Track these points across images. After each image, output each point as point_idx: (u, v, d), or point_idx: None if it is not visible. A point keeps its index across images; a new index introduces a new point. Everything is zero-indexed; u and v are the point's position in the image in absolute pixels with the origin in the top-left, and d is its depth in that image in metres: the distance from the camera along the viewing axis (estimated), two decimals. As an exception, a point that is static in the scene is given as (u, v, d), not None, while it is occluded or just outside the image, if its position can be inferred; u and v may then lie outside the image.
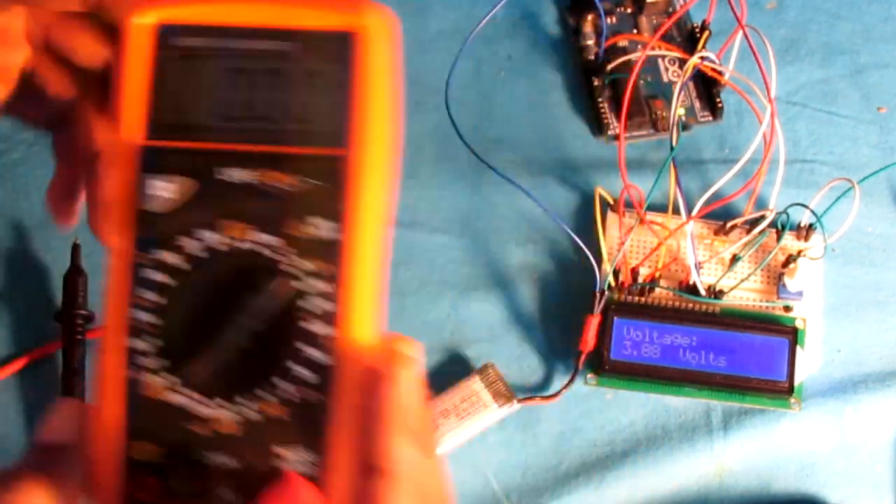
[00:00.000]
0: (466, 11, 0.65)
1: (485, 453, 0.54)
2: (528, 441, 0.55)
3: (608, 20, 0.64)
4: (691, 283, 0.56)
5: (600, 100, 0.61)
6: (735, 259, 0.56)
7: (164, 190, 0.31)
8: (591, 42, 0.63)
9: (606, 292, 0.56)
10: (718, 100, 0.61)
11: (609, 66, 0.61)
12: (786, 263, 0.57)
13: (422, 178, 0.60)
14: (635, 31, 0.64)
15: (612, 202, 0.58)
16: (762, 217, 0.55)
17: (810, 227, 0.57)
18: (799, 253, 0.56)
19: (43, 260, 0.57)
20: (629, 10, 0.64)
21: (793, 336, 0.55)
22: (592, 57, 0.62)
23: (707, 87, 0.62)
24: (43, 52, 0.34)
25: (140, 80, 0.31)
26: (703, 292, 0.56)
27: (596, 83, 0.62)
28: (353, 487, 0.29)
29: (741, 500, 0.54)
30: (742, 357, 0.54)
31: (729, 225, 0.57)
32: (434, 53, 0.63)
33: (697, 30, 0.63)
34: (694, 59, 0.55)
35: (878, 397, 0.56)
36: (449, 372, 0.55)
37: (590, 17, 0.63)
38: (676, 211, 0.55)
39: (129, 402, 0.30)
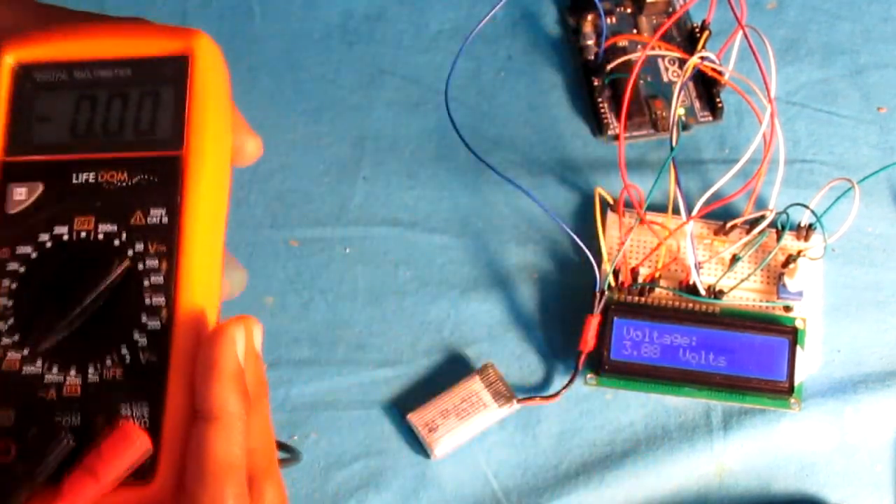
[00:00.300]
0: (466, 11, 0.65)
1: (485, 453, 0.55)
2: (528, 441, 0.55)
3: (608, 20, 0.64)
4: (691, 283, 0.56)
5: (600, 100, 0.61)
6: (735, 259, 0.56)
7: (23, 195, 0.37)
8: (591, 42, 0.63)
9: (606, 292, 0.56)
10: (718, 100, 0.61)
11: (609, 66, 0.61)
12: (786, 263, 0.57)
13: (422, 178, 0.60)
14: (635, 31, 0.64)
15: (612, 202, 0.58)
16: (762, 217, 0.55)
17: (810, 227, 0.57)
18: (799, 253, 0.56)
19: None
20: (629, 10, 0.64)
21: (793, 336, 0.55)
22: (592, 57, 0.63)
23: (707, 87, 0.62)
24: None
25: (1, 109, 0.37)
26: (703, 292, 0.56)
27: (596, 83, 0.62)
28: (185, 434, 0.33)
29: (741, 500, 0.54)
30: (742, 357, 0.54)
31: (729, 225, 0.57)
32: (434, 53, 0.63)
33: (697, 30, 0.63)
34: (694, 59, 0.55)
35: (878, 397, 0.56)
36: (449, 372, 0.56)
37: (590, 17, 0.63)
38: (676, 211, 0.55)
39: None
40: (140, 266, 0.36)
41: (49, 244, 0.36)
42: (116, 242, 0.36)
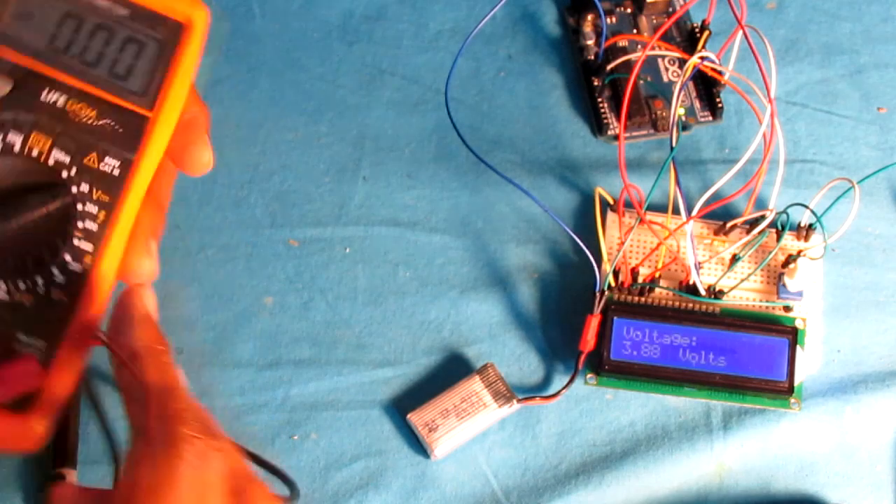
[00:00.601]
0: (466, 11, 0.65)
1: (485, 453, 0.54)
2: (528, 441, 0.55)
3: (608, 20, 0.64)
4: (691, 283, 0.56)
5: (600, 100, 0.61)
6: (735, 259, 0.56)
7: None
8: (591, 42, 0.63)
9: (606, 292, 0.56)
10: (718, 100, 0.61)
11: (609, 66, 0.61)
12: (786, 263, 0.57)
13: (422, 178, 0.60)
14: (635, 31, 0.64)
15: (612, 202, 0.58)
16: (762, 217, 0.55)
17: (810, 227, 0.57)
18: (799, 253, 0.56)
19: None
20: (629, 10, 0.64)
21: (793, 336, 0.55)
22: (592, 57, 0.63)
23: (707, 87, 0.62)
24: None
25: None
26: (703, 292, 0.56)
27: (596, 83, 0.62)
28: (67, 382, 0.36)
29: (741, 500, 0.54)
30: (742, 357, 0.54)
31: (729, 225, 0.57)
32: (434, 53, 0.63)
33: (697, 30, 0.63)
34: (694, 59, 0.55)
35: (878, 397, 0.56)
36: (449, 372, 0.56)
37: (590, 17, 0.63)
38: (676, 211, 0.55)
39: None
40: (80, 207, 0.36)
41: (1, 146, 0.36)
42: (64, 174, 0.36)
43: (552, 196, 0.60)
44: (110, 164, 0.36)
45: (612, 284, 0.56)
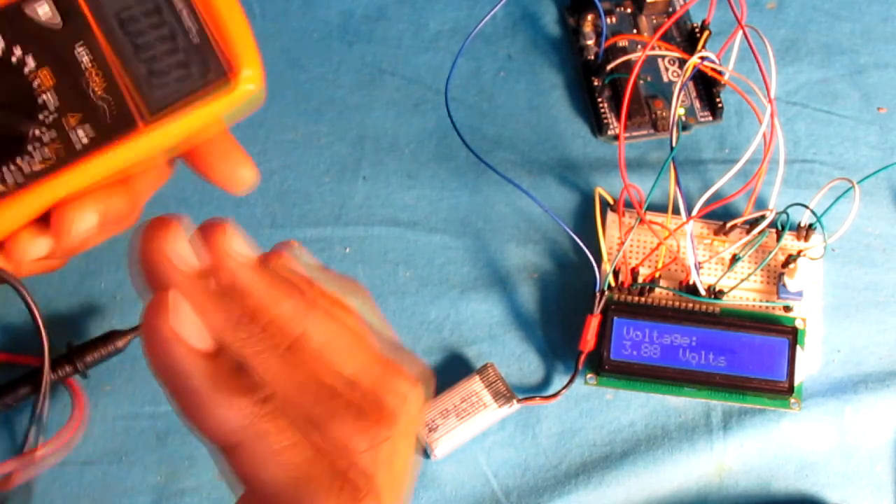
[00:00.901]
0: (466, 11, 0.65)
1: (485, 453, 0.55)
2: (528, 441, 0.55)
3: (608, 20, 0.64)
4: (691, 283, 0.56)
5: (600, 100, 0.61)
6: (735, 259, 0.56)
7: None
8: (591, 42, 0.63)
9: (606, 292, 0.56)
10: (718, 100, 0.61)
11: (609, 66, 0.61)
12: (786, 263, 0.57)
13: (422, 178, 0.60)
14: (635, 31, 0.64)
15: (612, 202, 0.58)
16: (762, 217, 0.55)
17: (810, 227, 0.57)
18: (799, 253, 0.56)
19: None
20: (629, 10, 0.64)
21: (793, 336, 0.55)
22: (592, 57, 0.63)
23: (707, 87, 0.62)
24: None
25: None
26: (703, 292, 0.56)
27: (596, 83, 0.62)
28: None
29: (741, 500, 0.54)
30: (742, 357, 0.54)
31: (729, 225, 0.57)
32: (434, 53, 0.63)
33: (697, 30, 0.63)
34: (694, 59, 0.55)
35: (878, 397, 0.56)
36: (449, 372, 0.56)
37: (590, 17, 0.63)
38: (676, 211, 0.55)
39: None
40: (31, 147, 0.37)
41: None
42: (41, 116, 0.37)
43: (552, 196, 0.60)
44: (78, 136, 0.37)
45: (612, 284, 0.56)
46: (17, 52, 0.37)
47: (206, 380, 0.33)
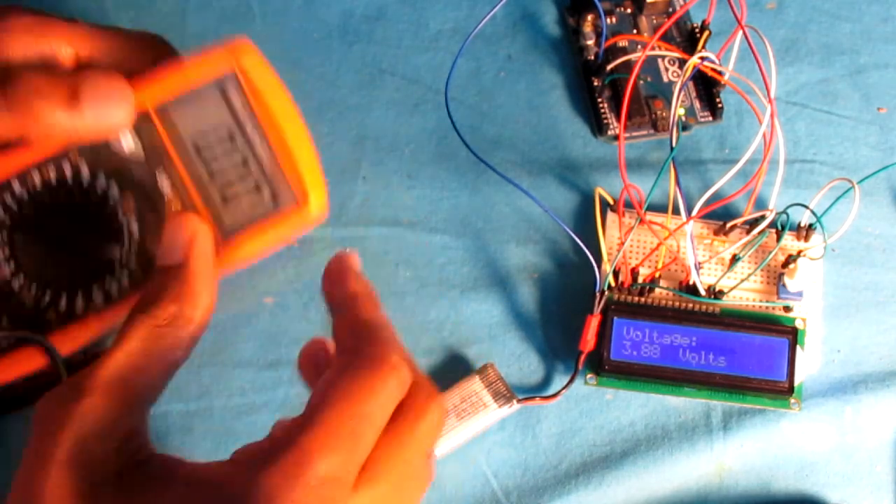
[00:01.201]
0: (466, 11, 0.65)
1: (485, 453, 0.54)
2: (528, 441, 0.55)
3: (608, 20, 0.64)
4: (691, 283, 0.56)
5: (600, 100, 0.61)
6: (735, 259, 0.56)
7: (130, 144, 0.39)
8: (591, 42, 0.63)
9: (606, 292, 0.56)
10: (718, 100, 0.61)
11: (609, 66, 0.61)
12: (786, 263, 0.57)
13: (422, 178, 0.60)
14: (635, 31, 0.64)
15: (612, 202, 0.58)
16: (762, 217, 0.55)
17: (810, 227, 0.57)
18: (799, 253, 0.56)
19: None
20: (629, 10, 0.64)
21: (793, 336, 0.55)
22: (592, 57, 0.63)
23: (707, 87, 0.62)
24: None
25: None
26: (703, 292, 0.56)
27: (596, 83, 0.62)
28: None
29: (741, 500, 0.54)
30: (742, 357, 0.54)
31: (729, 225, 0.57)
32: (434, 53, 0.63)
33: (697, 30, 0.63)
34: (694, 59, 0.55)
35: (878, 397, 0.56)
36: (449, 372, 0.56)
37: (590, 18, 0.63)
38: (676, 211, 0.55)
39: None
40: (109, 277, 0.39)
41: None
42: (124, 240, 0.39)
43: (552, 196, 0.60)
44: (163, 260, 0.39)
45: (612, 284, 0.56)
46: (103, 182, 0.39)
47: None
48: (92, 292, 0.39)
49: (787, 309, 0.57)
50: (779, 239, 0.56)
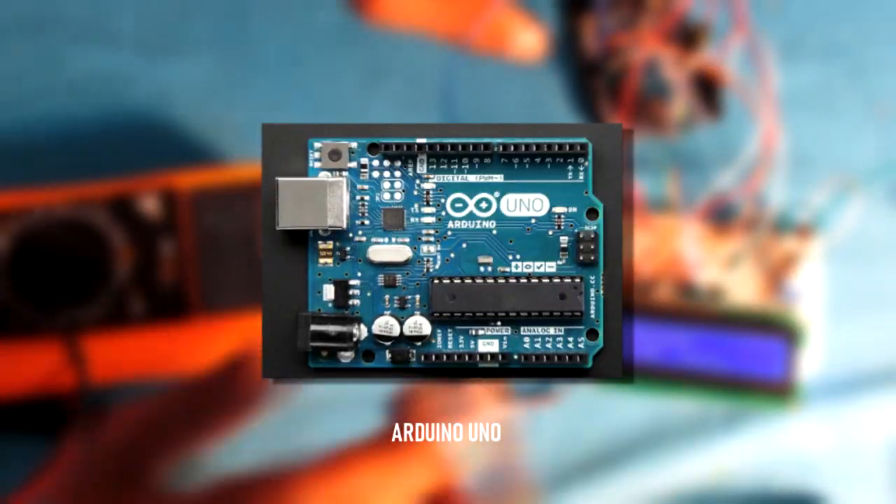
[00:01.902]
0: (466, 11, 0.65)
1: (485, 453, 0.55)
2: (528, 441, 0.55)
3: (608, 20, 0.64)
4: (691, 282, 0.56)
5: (600, 99, 0.61)
6: (735, 259, 0.56)
7: None
8: (591, 42, 0.63)
9: (606, 292, 0.56)
10: (719, 99, 0.61)
11: (609, 67, 0.61)
12: (786, 263, 0.57)
13: (422, 178, 0.60)
14: (635, 30, 0.64)
15: (612, 202, 0.58)
16: (762, 217, 0.55)
17: (810, 227, 0.57)
18: (799, 253, 0.56)
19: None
20: (629, 10, 0.64)
21: (792, 336, 0.55)
22: (592, 57, 0.62)
23: (707, 87, 0.62)
24: None
25: None
26: (702, 292, 0.56)
27: (596, 83, 0.62)
28: None
29: (741, 500, 0.54)
30: (741, 357, 0.54)
31: (729, 225, 0.57)
32: (434, 53, 0.63)
33: (697, 29, 0.62)
34: (694, 60, 0.55)
35: (878, 397, 0.56)
36: (449, 372, 0.56)
37: (589, 17, 0.63)
38: (676, 211, 0.55)
39: None
40: None
41: None
42: None
43: (552, 196, 0.60)
44: (133, 307, 0.44)
45: (612, 284, 0.56)
46: (118, 232, 0.43)
47: None
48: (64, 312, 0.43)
49: (787, 309, 0.57)
50: (779, 239, 0.56)
